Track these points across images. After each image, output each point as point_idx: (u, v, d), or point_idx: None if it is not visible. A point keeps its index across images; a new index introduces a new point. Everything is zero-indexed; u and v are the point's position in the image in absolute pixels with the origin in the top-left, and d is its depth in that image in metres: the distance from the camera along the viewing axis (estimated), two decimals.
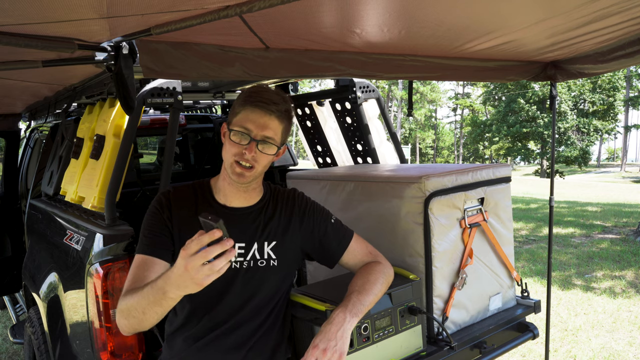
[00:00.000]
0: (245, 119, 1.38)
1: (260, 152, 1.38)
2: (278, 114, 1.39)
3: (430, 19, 1.63)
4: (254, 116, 1.37)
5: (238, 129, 1.38)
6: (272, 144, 1.40)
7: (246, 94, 1.41)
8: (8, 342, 4.19)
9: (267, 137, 1.38)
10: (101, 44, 1.49)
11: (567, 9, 1.56)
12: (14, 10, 1.14)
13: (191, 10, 1.25)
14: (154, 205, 1.49)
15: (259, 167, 1.40)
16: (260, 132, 1.37)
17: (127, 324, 1.27)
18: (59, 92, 2.76)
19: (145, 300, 1.19)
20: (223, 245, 1.02)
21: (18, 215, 4.02)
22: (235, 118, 1.40)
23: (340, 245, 1.59)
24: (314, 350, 1.31)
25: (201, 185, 1.55)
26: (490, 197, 2.10)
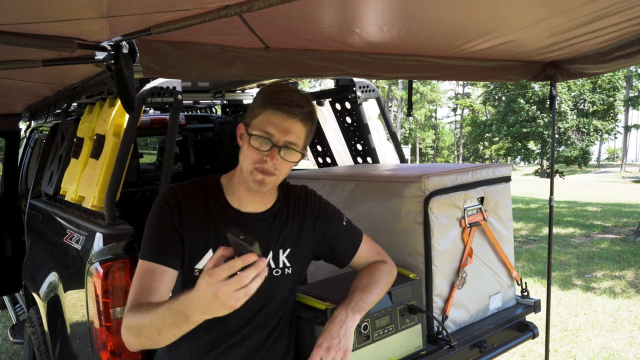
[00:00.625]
0: (266, 122, 1.25)
1: (282, 159, 1.26)
2: (302, 117, 1.27)
3: (430, 19, 1.63)
4: (276, 119, 1.25)
5: (258, 133, 1.25)
6: (295, 150, 1.28)
7: (266, 94, 1.29)
8: (8, 342, 4.19)
9: (290, 143, 1.26)
10: (101, 43, 1.49)
11: (567, 8, 1.56)
12: (14, 10, 1.14)
13: (191, 9, 1.26)
14: (161, 205, 1.35)
15: (280, 175, 1.29)
16: (283, 137, 1.25)
17: (137, 343, 1.15)
18: (59, 91, 2.76)
19: (160, 321, 1.07)
20: (257, 267, 0.93)
21: (18, 215, 4.02)
22: (255, 120, 1.27)
23: (350, 247, 1.56)
24: (318, 350, 1.30)
25: (210, 183, 1.41)
26: (490, 196, 2.10)
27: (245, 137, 1.28)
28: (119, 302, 1.89)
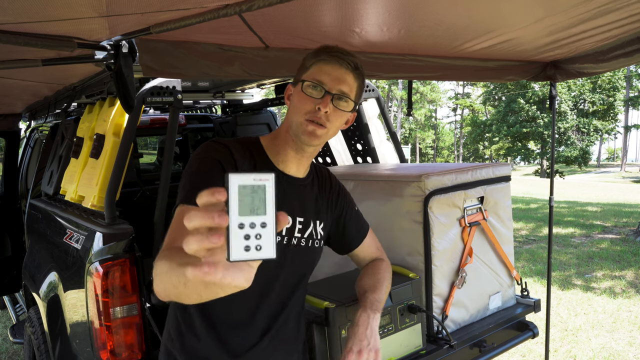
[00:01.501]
0: (318, 71, 1.21)
1: (334, 109, 1.20)
2: (353, 68, 1.23)
3: (430, 18, 1.63)
4: (329, 68, 1.21)
5: (310, 81, 1.20)
6: (349, 99, 1.22)
7: (318, 48, 1.26)
8: (8, 342, 4.19)
9: (343, 92, 1.20)
10: (101, 42, 1.49)
11: (566, 6, 1.56)
12: (14, 9, 1.14)
13: (190, 9, 1.26)
14: (215, 148, 1.21)
15: (332, 127, 1.22)
16: (336, 85, 1.20)
17: (164, 294, 0.85)
18: (59, 91, 2.76)
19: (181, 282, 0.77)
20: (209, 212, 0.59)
21: (18, 215, 4.02)
22: (306, 73, 1.22)
23: (359, 234, 1.52)
24: (349, 355, 1.27)
25: (252, 143, 1.30)
26: (490, 196, 2.10)
27: (297, 89, 1.23)
28: (118, 301, 1.89)
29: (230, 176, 0.58)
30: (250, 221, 0.58)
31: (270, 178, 0.59)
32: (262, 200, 0.59)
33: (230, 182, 0.58)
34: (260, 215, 0.59)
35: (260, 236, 0.58)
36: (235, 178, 0.58)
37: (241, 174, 0.58)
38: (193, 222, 0.58)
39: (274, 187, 0.59)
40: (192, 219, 0.58)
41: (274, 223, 0.59)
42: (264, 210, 0.59)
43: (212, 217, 0.57)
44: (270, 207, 0.59)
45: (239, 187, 0.58)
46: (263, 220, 0.58)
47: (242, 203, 0.58)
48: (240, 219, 0.58)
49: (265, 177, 0.59)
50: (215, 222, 0.57)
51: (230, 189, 0.58)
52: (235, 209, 0.58)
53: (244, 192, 0.58)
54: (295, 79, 1.27)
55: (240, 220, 0.58)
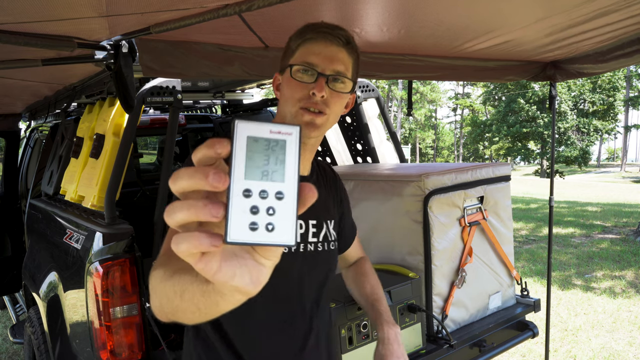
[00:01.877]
0: (306, 52, 1.06)
1: (331, 91, 1.06)
2: (345, 43, 1.08)
3: (430, 19, 1.63)
4: (318, 47, 1.06)
5: (300, 64, 1.05)
6: (346, 78, 1.07)
7: (302, 27, 1.11)
8: (8, 342, 4.19)
9: (338, 72, 1.06)
10: (101, 42, 1.50)
11: (566, 7, 1.56)
12: (13, 9, 1.14)
13: (190, 8, 1.26)
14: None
15: (332, 113, 1.08)
16: (330, 65, 1.05)
17: (160, 310, 0.67)
18: (59, 91, 2.76)
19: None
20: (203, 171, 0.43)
21: (18, 215, 4.03)
22: (294, 56, 1.08)
23: (352, 233, 1.47)
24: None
25: None
26: (490, 195, 2.10)
27: (285, 76, 1.08)
28: (118, 301, 1.89)
29: (237, 124, 0.41)
30: (261, 188, 0.42)
31: (295, 131, 0.43)
32: (281, 161, 0.42)
33: (238, 131, 0.41)
34: (276, 182, 0.42)
35: (273, 211, 0.41)
36: (244, 127, 0.42)
37: (253, 123, 0.42)
38: (179, 182, 0.42)
39: (298, 146, 0.43)
40: (178, 179, 0.42)
41: (296, 196, 0.42)
42: (282, 175, 0.42)
43: (205, 175, 0.41)
44: (292, 172, 0.43)
45: (249, 139, 0.42)
46: (280, 188, 0.42)
47: (251, 163, 0.42)
48: (248, 183, 0.41)
49: (287, 129, 0.43)
50: (209, 182, 0.40)
51: (236, 141, 0.41)
52: (241, 169, 0.41)
53: (256, 147, 0.42)
54: (281, 66, 1.13)
55: (246, 186, 0.41)
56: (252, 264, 0.44)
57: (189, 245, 0.41)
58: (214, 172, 0.41)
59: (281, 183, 0.42)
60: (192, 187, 0.42)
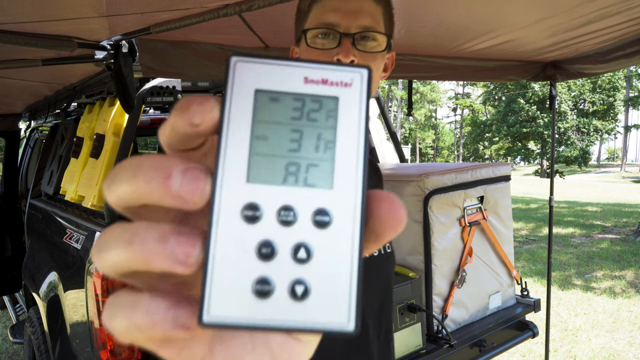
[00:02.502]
0: (322, 11, 0.85)
1: (361, 53, 0.84)
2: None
3: (430, 19, 1.63)
4: (336, 3, 0.84)
5: (316, 28, 0.85)
6: (378, 33, 0.84)
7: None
8: (8, 342, 4.19)
9: (366, 27, 0.83)
10: (101, 42, 1.50)
11: (567, 8, 1.56)
12: (14, 9, 1.14)
13: (190, 8, 1.26)
14: None
15: None
16: (354, 21, 0.83)
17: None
18: (59, 91, 2.76)
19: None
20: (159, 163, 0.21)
21: (18, 215, 4.03)
22: (308, 20, 0.87)
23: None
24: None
25: None
26: (490, 195, 2.10)
27: (302, 46, 0.88)
28: None
29: (235, 63, 0.22)
30: (281, 202, 0.21)
31: (359, 77, 0.23)
32: (327, 145, 0.22)
33: (235, 79, 0.22)
34: (315, 189, 0.21)
35: (308, 253, 0.21)
36: (248, 70, 0.22)
37: (268, 61, 0.22)
38: (116, 186, 0.22)
39: (365, 110, 0.23)
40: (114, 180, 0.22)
41: (360, 219, 0.21)
42: (329, 174, 0.22)
43: (163, 173, 0.20)
44: (351, 168, 0.22)
45: (260, 96, 0.22)
46: (323, 204, 0.21)
47: (261, 146, 0.22)
48: (253, 192, 0.21)
49: (343, 73, 0.23)
50: (171, 190, 0.20)
51: (231, 101, 0.22)
52: (241, 161, 0.21)
53: (273, 114, 0.22)
54: (296, 35, 0.94)
55: (250, 198, 0.21)
56: (277, 341, 0.22)
57: (128, 324, 0.20)
58: (183, 167, 0.20)
59: (326, 191, 0.21)
60: (139, 199, 0.21)
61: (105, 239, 0.22)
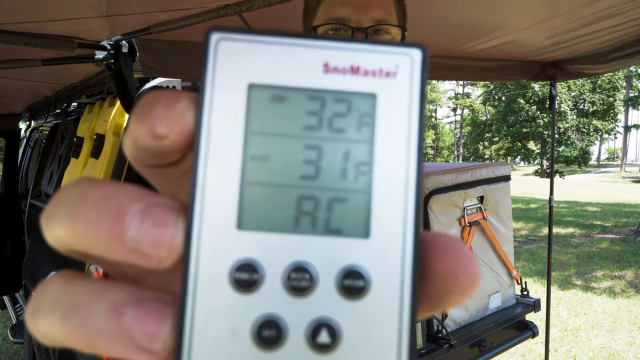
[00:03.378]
0: (330, 6, 0.81)
1: None
2: None
3: (431, 19, 1.63)
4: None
5: (326, 24, 0.81)
6: (391, 25, 0.82)
7: None
8: (8, 341, 4.19)
9: (379, 20, 0.80)
10: (101, 42, 1.50)
11: (567, 10, 1.56)
12: (14, 9, 1.14)
13: (190, 9, 1.26)
14: None
15: None
16: (365, 14, 0.80)
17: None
18: (59, 91, 2.76)
19: None
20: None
21: (18, 215, 4.03)
22: (317, 16, 0.83)
23: None
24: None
25: None
26: (490, 195, 2.10)
27: None
28: None
29: (215, 42, 0.15)
30: (292, 260, 0.15)
31: (407, 63, 0.15)
32: (362, 168, 0.15)
33: (217, 69, 0.15)
34: (342, 238, 0.15)
35: (335, 337, 0.14)
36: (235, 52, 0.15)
37: (264, 38, 0.15)
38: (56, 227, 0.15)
39: (419, 116, 0.15)
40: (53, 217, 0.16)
41: (412, 281, 0.15)
42: (365, 213, 0.15)
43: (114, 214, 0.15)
44: (401, 205, 0.15)
45: (255, 94, 0.15)
46: (354, 261, 0.15)
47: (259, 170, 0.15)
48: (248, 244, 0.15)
49: (388, 57, 0.15)
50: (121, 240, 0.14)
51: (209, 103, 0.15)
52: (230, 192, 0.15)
53: (277, 121, 0.15)
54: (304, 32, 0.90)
55: (244, 252, 0.15)
56: None
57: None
58: (142, 206, 0.15)
59: (360, 241, 0.15)
60: (79, 248, 0.16)
61: (39, 299, 0.15)
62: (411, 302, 0.14)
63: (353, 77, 0.15)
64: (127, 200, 0.15)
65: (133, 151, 0.16)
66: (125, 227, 0.14)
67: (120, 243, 0.14)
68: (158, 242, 0.14)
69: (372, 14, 0.79)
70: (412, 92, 0.15)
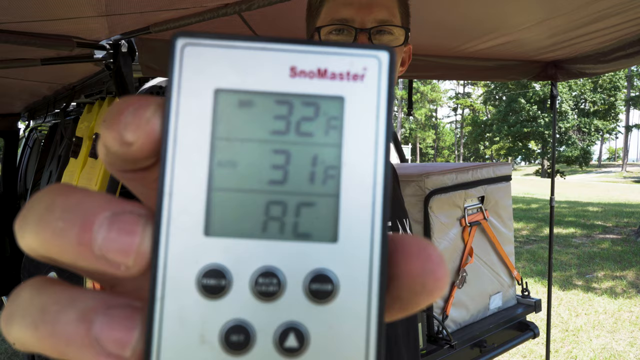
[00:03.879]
0: (334, 7, 0.81)
1: None
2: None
3: (430, 19, 1.62)
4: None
5: (330, 25, 0.81)
6: (394, 26, 0.82)
7: None
8: (8, 342, 4.19)
9: (383, 21, 0.81)
10: (100, 42, 1.49)
11: (568, 9, 1.55)
12: (13, 8, 1.13)
13: (190, 8, 1.25)
14: None
15: None
16: (368, 15, 0.80)
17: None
18: (58, 91, 2.76)
19: None
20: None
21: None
22: (320, 17, 0.84)
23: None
24: None
25: None
26: (490, 195, 2.09)
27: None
28: None
29: (181, 47, 0.16)
30: (260, 265, 0.15)
31: (375, 65, 0.15)
32: (331, 170, 0.15)
33: (184, 77, 0.16)
34: (310, 242, 0.15)
35: (304, 343, 0.14)
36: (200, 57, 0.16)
37: (230, 42, 0.15)
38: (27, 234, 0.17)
39: (387, 119, 0.15)
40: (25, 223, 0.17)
41: (379, 284, 0.15)
42: (332, 219, 0.15)
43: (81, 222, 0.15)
44: (369, 209, 0.15)
45: (222, 99, 0.15)
46: (322, 265, 0.15)
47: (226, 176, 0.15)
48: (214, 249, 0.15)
49: (356, 60, 0.15)
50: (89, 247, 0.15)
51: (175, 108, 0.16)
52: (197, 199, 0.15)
53: (244, 125, 0.15)
54: (308, 33, 0.90)
55: (211, 258, 0.15)
56: None
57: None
58: (110, 213, 0.15)
59: (327, 245, 0.15)
60: (49, 256, 0.16)
61: (12, 305, 0.16)
62: (379, 305, 0.15)
63: (320, 81, 0.15)
64: (95, 208, 0.15)
65: (105, 157, 0.16)
66: (92, 236, 0.14)
67: (88, 251, 0.14)
68: (125, 250, 0.14)
69: (375, 15, 0.80)
70: (380, 95, 0.15)
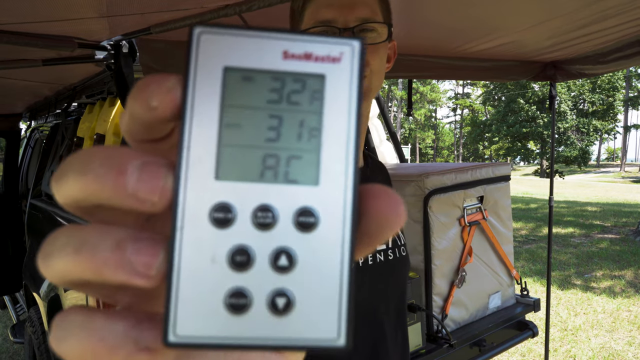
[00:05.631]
0: (315, 10, 0.83)
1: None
2: None
3: (431, 20, 1.63)
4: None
5: (314, 28, 0.82)
6: (377, 22, 0.83)
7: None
8: (8, 341, 4.19)
9: (364, 20, 0.81)
10: (101, 42, 1.50)
11: (567, 11, 1.56)
12: (15, 9, 1.14)
13: (190, 9, 1.26)
14: None
15: (372, 73, 0.82)
16: (350, 14, 0.81)
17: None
18: (59, 91, 2.77)
19: None
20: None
21: (18, 215, 4.03)
22: (303, 20, 0.85)
23: None
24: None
25: None
26: (489, 195, 2.10)
27: None
28: None
29: (199, 34, 0.19)
30: (258, 201, 0.19)
31: (349, 50, 0.20)
32: (313, 132, 0.19)
33: (200, 54, 0.19)
34: (299, 186, 0.19)
35: (291, 260, 0.18)
36: (216, 43, 0.19)
37: (240, 32, 0.19)
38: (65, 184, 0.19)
39: (357, 91, 0.19)
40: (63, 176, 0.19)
41: (352, 219, 0.19)
42: (315, 167, 0.19)
43: (117, 169, 0.18)
44: (340, 159, 0.19)
45: (230, 75, 0.19)
46: (307, 202, 0.19)
47: (233, 135, 0.19)
48: (222, 190, 0.18)
49: (330, 46, 0.19)
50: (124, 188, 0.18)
51: (195, 81, 0.19)
52: (208, 153, 0.18)
53: (247, 96, 0.19)
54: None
55: (219, 197, 0.18)
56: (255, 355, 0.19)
57: (81, 349, 0.18)
58: (140, 162, 0.18)
59: (311, 187, 0.19)
60: (88, 199, 0.19)
61: (51, 244, 0.19)
62: (351, 234, 0.19)
63: (307, 62, 0.19)
64: (127, 157, 0.18)
65: (129, 125, 0.20)
66: (126, 178, 0.18)
67: (122, 191, 0.18)
68: (152, 189, 0.18)
69: (357, 14, 0.81)
70: (353, 74, 0.19)
